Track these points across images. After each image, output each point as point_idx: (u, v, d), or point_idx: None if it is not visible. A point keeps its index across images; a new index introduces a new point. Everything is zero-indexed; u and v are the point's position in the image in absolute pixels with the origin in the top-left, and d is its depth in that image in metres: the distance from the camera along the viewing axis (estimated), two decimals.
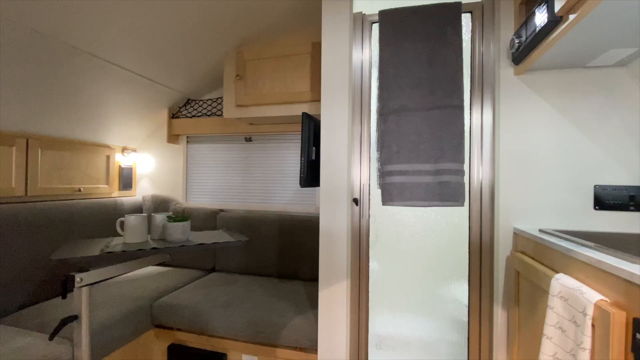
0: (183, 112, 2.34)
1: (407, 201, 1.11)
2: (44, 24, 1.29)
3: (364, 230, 1.21)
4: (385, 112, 1.17)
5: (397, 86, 1.17)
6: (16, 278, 1.50)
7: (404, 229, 1.24)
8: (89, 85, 1.70)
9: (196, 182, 2.36)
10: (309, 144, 1.29)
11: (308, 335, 1.35)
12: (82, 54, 1.51)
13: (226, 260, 2.06)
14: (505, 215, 1.14)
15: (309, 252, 1.88)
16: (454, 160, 1.11)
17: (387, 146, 1.15)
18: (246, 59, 1.78)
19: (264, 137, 2.20)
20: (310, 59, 1.66)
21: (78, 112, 1.80)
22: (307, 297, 1.60)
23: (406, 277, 1.28)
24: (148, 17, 1.41)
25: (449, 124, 1.13)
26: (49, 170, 1.78)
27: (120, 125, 2.11)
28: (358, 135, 1.23)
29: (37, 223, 1.61)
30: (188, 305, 1.53)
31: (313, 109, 1.66)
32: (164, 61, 1.78)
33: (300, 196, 2.11)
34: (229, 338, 1.48)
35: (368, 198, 1.21)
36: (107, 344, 1.34)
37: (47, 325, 1.32)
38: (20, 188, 1.63)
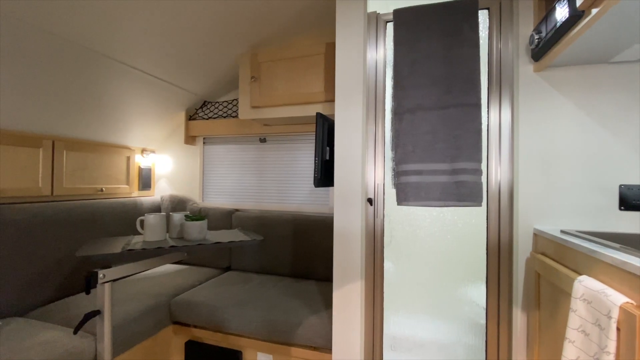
0: (200, 113, 2.39)
1: (422, 201, 1.10)
2: (70, 30, 1.34)
3: (378, 230, 1.21)
4: (400, 111, 1.16)
5: (412, 85, 1.16)
6: (42, 274, 1.56)
7: (420, 229, 1.23)
8: (110, 89, 1.76)
9: (212, 182, 2.40)
10: (322, 144, 1.30)
11: (322, 334, 1.35)
12: (104, 58, 1.57)
13: (241, 259, 2.08)
14: (524, 215, 1.12)
15: (322, 252, 1.89)
16: (471, 159, 1.09)
17: (402, 145, 1.14)
18: (260, 60, 1.80)
19: (278, 138, 2.22)
20: (324, 59, 1.67)
21: (100, 115, 1.87)
22: (321, 297, 1.61)
23: (421, 278, 1.26)
24: (166, 21, 1.45)
25: (466, 122, 1.11)
26: (73, 171, 1.85)
27: (140, 127, 2.18)
28: (372, 134, 1.23)
29: (62, 222, 1.68)
30: (205, 302, 1.56)
31: (327, 109, 1.67)
32: (181, 64, 1.83)
33: (314, 196, 2.12)
34: (245, 336, 1.50)
35: (382, 198, 1.20)
36: (128, 338, 1.38)
37: (72, 320, 1.37)
38: (46, 188, 1.71)
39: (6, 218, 1.46)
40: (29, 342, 1.15)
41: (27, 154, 1.63)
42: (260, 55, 1.80)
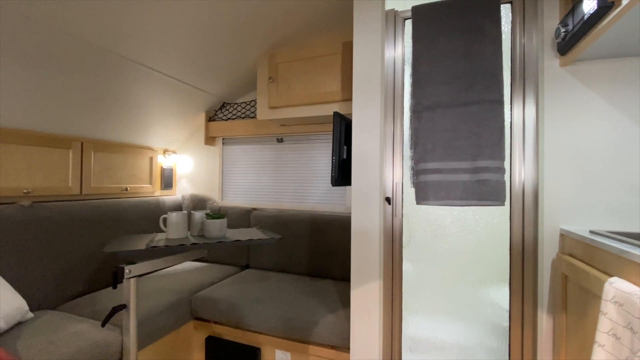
0: (219, 115, 2.44)
1: (442, 200, 1.08)
2: (97, 35, 1.40)
3: (396, 230, 1.20)
4: (419, 109, 1.14)
5: (431, 82, 1.15)
6: (72, 269, 1.64)
7: (439, 229, 1.21)
8: (134, 92, 1.83)
9: (231, 181, 2.45)
10: (340, 143, 1.30)
11: (340, 333, 1.35)
12: (129, 62, 1.63)
13: (259, 257, 2.11)
14: (550, 215, 1.08)
15: (339, 252, 1.89)
16: (494, 157, 1.06)
17: (421, 144, 1.13)
18: (278, 61, 1.83)
19: (295, 138, 2.24)
20: (341, 59, 1.67)
21: (125, 117, 1.94)
22: (338, 296, 1.61)
23: (441, 279, 1.24)
24: (187, 25, 1.49)
25: (488, 119, 1.08)
26: (100, 171, 1.93)
27: (162, 129, 2.25)
28: (390, 133, 1.22)
29: (89, 219, 1.76)
30: (224, 299, 1.59)
31: (344, 108, 1.67)
32: (201, 66, 1.87)
33: (331, 196, 2.12)
34: (263, 333, 1.52)
35: (401, 197, 1.19)
36: (152, 333, 1.43)
37: (99, 313, 1.43)
38: (75, 187, 1.79)
39: (39, 215, 1.54)
40: (61, 334, 1.21)
41: (58, 154, 1.71)
42: (277, 56, 1.82)
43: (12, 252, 1.42)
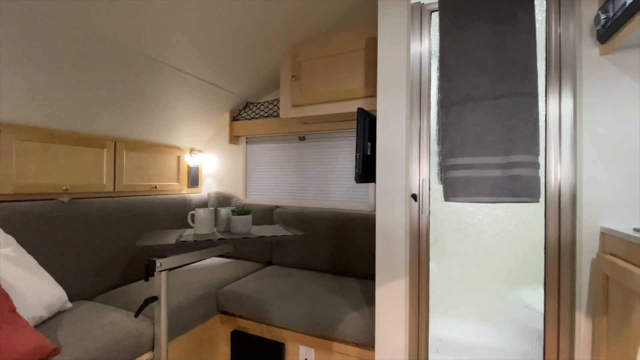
0: (242, 114, 2.49)
1: (472, 197, 1.05)
2: (128, 38, 1.46)
3: (423, 228, 1.17)
4: (447, 104, 1.11)
5: (459, 75, 1.11)
6: (107, 263, 1.72)
7: (469, 226, 1.17)
8: (162, 93, 1.89)
9: (254, 179, 2.49)
10: (364, 139, 1.29)
11: (364, 331, 1.34)
12: (157, 63, 1.69)
13: (282, 254, 2.14)
14: (589, 213, 1.02)
15: (362, 250, 1.87)
16: (527, 152, 1.02)
17: (449, 139, 1.09)
18: (301, 59, 1.83)
19: (317, 136, 2.24)
20: (364, 55, 1.65)
21: (154, 118, 2.02)
22: (362, 294, 1.60)
23: (470, 278, 1.20)
24: (212, 25, 1.52)
25: (521, 112, 1.04)
26: (132, 169, 2.02)
27: (188, 129, 2.32)
28: (417, 128, 1.20)
29: (122, 215, 1.84)
30: (249, 294, 1.62)
31: (367, 104, 1.65)
32: (226, 66, 1.91)
33: (353, 193, 2.11)
34: (287, 328, 1.53)
35: (428, 194, 1.16)
36: (181, 325, 1.48)
37: (132, 304, 1.49)
38: (109, 184, 1.88)
39: (77, 211, 1.63)
40: (97, 323, 1.28)
41: (93, 154, 1.80)
42: (300, 55, 1.83)
43: (52, 245, 1.51)
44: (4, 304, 1.07)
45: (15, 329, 1.04)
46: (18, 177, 1.48)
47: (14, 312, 1.08)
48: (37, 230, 1.47)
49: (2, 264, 1.21)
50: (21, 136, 1.49)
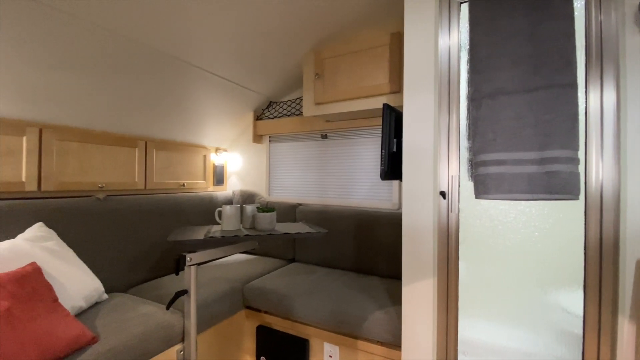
0: (266, 113, 2.52)
1: (506, 194, 1.01)
2: (157, 39, 1.51)
3: (452, 226, 1.14)
4: (478, 97, 1.07)
5: (491, 68, 1.07)
6: (139, 257, 1.80)
7: (501, 225, 1.12)
8: (190, 94, 1.95)
9: (277, 177, 2.52)
10: (390, 136, 1.27)
11: (390, 330, 1.32)
12: (186, 65, 1.73)
13: (305, 251, 2.15)
14: (634, 211, 0.95)
15: (385, 248, 1.85)
16: (566, 146, 0.96)
17: (480, 134, 1.06)
18: (324, 57, 1.83)
19: (339, 134, 2.23)
20: (389, 50, 1.63)
21: (182, 118, 2.08)
22: (386, 293, 1.58)
23: (501, 279, 1.16)
24: (236, 25, 1.54)
25: (558, 105, 0.98)
26: (161, 168, 2.09)
27: (214, 129, 2.38)
28: (445, 124, 1.16)
29: (153, 212, 1.92)
30: (274, 290, 1.64)
31: (392, 100, 1.63)
32: (249, 66, 1.94)
33: (376, 192, 2.09)
34: (312, 325, 1.54)
35: (457, 191, 1.13)
36: (208, 319, 1.52)
37: (163, 297, 1.55)
38: (141, 182, 1.96)
39: (112, 208, 1.71)
40: (131, 314, 1.33)
41: (126, 153, 1.88)
42: (323, 52, 1.83)
43: (89, 240, 1.59)
44: (47, 294, 1.14)
45: (58, 318, 1.10)
46: (59, 175, 1.57)
47: (56, 302, 1.15)
48: (75, 226, 1.55)
49: (45, 256, 1.29)
50: (61, 136, 1.58)
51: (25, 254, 1.22)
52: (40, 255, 1.26)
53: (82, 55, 1.40)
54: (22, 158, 1.45)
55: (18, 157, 1.44)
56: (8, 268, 1.14)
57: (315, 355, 1.55)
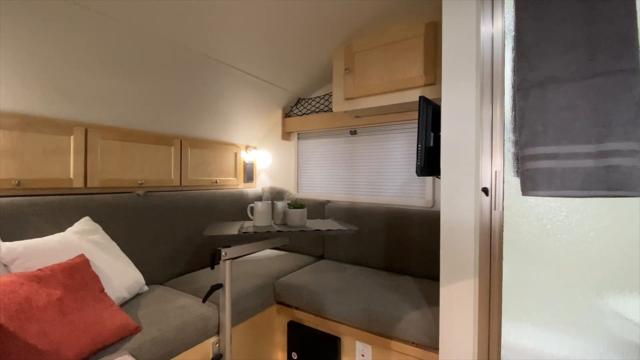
0: (294, 110, 2.52)
1: (557, 190, 0.93)
2: (189, 39, 1.54)
3: (496, 224, 1.07)
4: (525, 86, 1.00)
5: (540, 54, 0.99)
6: (176, 251, 1.87)
7: (550, 224, 1.04)
8: (220, 92, 1.99)
9: (306, 174, 2.52)
10: (426, 129, 1.22)
11: (426, 331, 1.28)
12: (218, 64, 1.77)
13: (334, 248, 2.13)
14: None
15: (419, 247, 1.79)
16: (627, 138, 0.87)
17: (528, 126, 0.98)
18: (355, 51, 1.80)
19: (369, 130, 2.19)
20: (423, 41, 1.57)
21: (214, 116, 2.13)
22: (421, 293, 1.53)
23: (550, 282, 1.08)
24: (265, 23, 1.54)
25: (618, 93, 0.89)
26: (195, 166, 2.16)
27: (244, 127, 2.42)
28: (488, 116, 1.09)
29: (188, 207, 1.98)
30: (305, 286, 1.64)
31: (426, 93, 1.56)
32: (279, 63, 1.94)
33: (409, 189, 2.03)
34: (343, 323, 1.53)
35: (502, 187, 1.06)
36: (242, 313, 1.55)
37: (198, 290, 1.59)
38: (176, 179, 2.03)
39: (151, 203, 1.79)
40: (170, 306, 1.38)
41: (163, 151, 1.96)
42: (354, 46, 1.79)
43: (131, 234, 1.67)
44: (94, 285, 1.21)
45: (104, 307, 1.16)
46: (102, 172, 1.66)
47: (102, 292, 1.22)
48: (117, 220, 1.63)
49: (92, 249, 1.36)
50: (104, 135, 1.66)
51: (74, 246, 1.30)
52: (88, 248, 1.34)
53: (123, 58, 1.46)
54: (70, 156, 1.54)
55: (66, 156, 1.53)
56: (59, 259, 1.22)
57: (346, 353, 1.53)
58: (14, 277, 0.97)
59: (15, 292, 0.93)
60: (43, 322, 0.94)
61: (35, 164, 1.43)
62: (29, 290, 0.96)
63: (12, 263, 1.12)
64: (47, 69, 1.34)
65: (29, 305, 0.93)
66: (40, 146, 1.44)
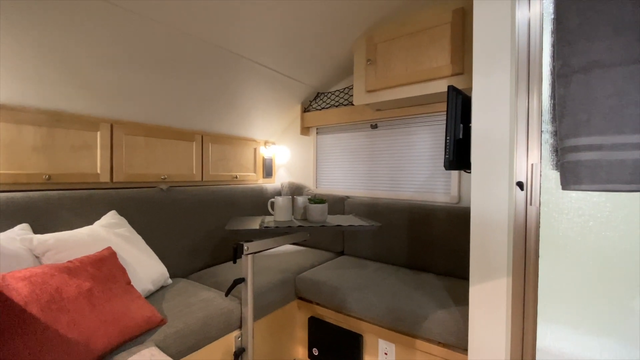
0: (313, 105, 2.49)
1: (602, 184, 0.86)
2: (212, 34, 1.53)
3: (532, 221, 1.01)
4: (567, 72, 0.93)
5: (584, 38, 0.92)
6: (198, 245, 1.89)
7: (592, 220, 0.97)
8: (240, 87, 1.98)
9: (325, 169, 2.49)
10: (455, 121, 1.16)
11: (454, 331, 1.23)
12: (238, 58, 1.75)
13: (354, 244, 2.10)
14: None
15: (444, 245, 1.73)
16: None
17: (569, 115, 0.91)
18: (377, 42, 1.74)
19: (391, 123, 2.13)
20: (450, 29, 1.50)
21: (234, 112, 2.13)
22: (446, 292, 1.48)
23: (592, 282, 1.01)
24: (284, 15, 1.51)
25: None
26: (216, 161, 2.17)
27: (263, 122, 2.41)
28: (524, 105, 1.03)
29: (209, 202, 2.00)
30: (326, 282, 1.62)
31: (453, 83, 1.50)
32: (298, 56, 1.90)
33: (432, 184, 1.96)
34: (365, 320, 1.50)
35: (539, 182, 1.00)
36: (263, 307, 1.55)
37: (221, 284, 1.60)
38: (198, 174, 2.05)
39: (174, 198, 1.81)
40: (193, 299, 1.40)
41: (185, 147, 1.98)
42: (376, 37, 1.74)
43: (154, 228, 1.70)
44: (122, 277, 1.23)
45: (131, 299, 1.18)
46: (127, 167, 1.69)
47: (129, 284, 1.24)
48: (142, 214, 1.66)
49: (119, 242, 1.39)
50: (128, 131, 1.69)
51: (102, 239, 1.33)
52: (115, 241, 1.37)
53: (146, 54, 1.47)
54: (96, 151, 1.58)
55: (93, 151, 1.57)
56: (88, 252, 1.25)
57: (369, 351, 1.51)
58: (45, 269, 1.00)
59: (47, 283, 0.95)
60: (73, 312, 0.96)
61: (65, 159, 1.47)
62: (59, 281, 0.99)
63: (43, 255, 1.16)
64: (74, 66, 1.36)
65: (59, 296, 0.95)
66: (68, 142, 1.48)
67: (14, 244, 1.14)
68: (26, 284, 0.92)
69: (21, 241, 1.16)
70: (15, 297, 0.87)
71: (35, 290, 0.92)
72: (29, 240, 1.16)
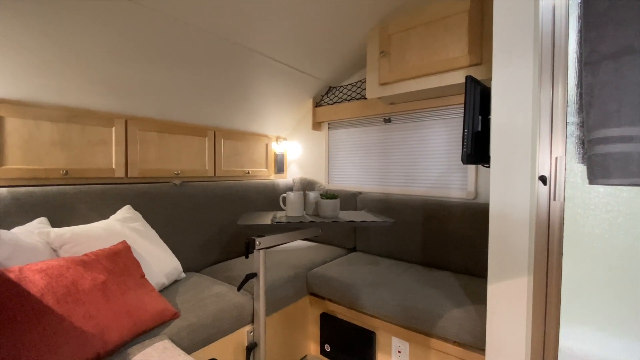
0: (325, 99, 2.46)
1: (633, 178, 0.81)
2: (223, 28, 1.52)
3: (555, 217, 0.96)
4: (595, 59, 0.87)
5: (614, 22, 0.86)
6: (211, 240, 1.90)
7: (621, 217, 0.92)
8: (252, 82, 1.97)
9: (336, 165, 2.46)
10: (474, 113, 1.12)
11: (470, 331, 1.19)
12: (251, 53, 1.74)
13: (366, 241, 2.07)
14: None
15: (459, 242, 1.69)
16: None
17: (598, 104, 0.86)
18: (390, 32, 1.70)
19: (405, 117, 2.08)
20: (468, 17, 1.44)
21: (246, 108, 2.13)
22: (462, 290, 1.44)
23: (619, 282, 0.95)
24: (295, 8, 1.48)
25: None
26: (228, 156, 2.18)
27: (275, 117, 2.40)
28: (547, 95, 0.97)
29: (221, 197, 2.00)
30: (338, 278, 1.60)
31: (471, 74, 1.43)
32: (309, 49, 1.87)
33: (447, 179, 1.91)
34: (378, 317, 1.47)
35: (563, 176, 0.95)
36: (275, 302, 1.54)
37: (233, 279, 1.61)
38: (211, 170, 2.06)
39: (187, 193, 1.82)
40: (206, 293, 1.40)
41: (198, 142, 1.99)
42: (390, 27, 1.70)
43: (168, 222, 1.72)
44: (136, 270, 1.24)
45: (145, 292, 1.20)
46: (141, 163, 1.71)
47: (143, 278, 1.25)
48: (156, 209, 1.68)
49: (133, 236, 1.41)
50: (143, 127, 1.71)
51: (117, 233, 1.35)
52: (129, 235, 1.38)
53: (160, 50, 1.47)
54: (112, 147, 1.60)
55: (109, 147, 1.59)
56: (103, 245, 1.27)
57: (382, 348, 1.48)
58: (61, 262, 1.02)
59: (63, 276, 0.97)
60: (89, 305, 0.97)
61: (81, 155, 1.50)
62: (75, 274, 1.00)
63: (60, 248, 1.18)
64: (91, 62, 1.38)
65: (75, 289, 0.97)
66: (85, 137, 1.51)
67: (32, 237, 1.16)
68: (43, 276, 0.93)
69: (39, 234, 1.18)
70: (32, 289, 0.89)
71: (51, 282, 0.93)
72: (47, 234, 1.18)
